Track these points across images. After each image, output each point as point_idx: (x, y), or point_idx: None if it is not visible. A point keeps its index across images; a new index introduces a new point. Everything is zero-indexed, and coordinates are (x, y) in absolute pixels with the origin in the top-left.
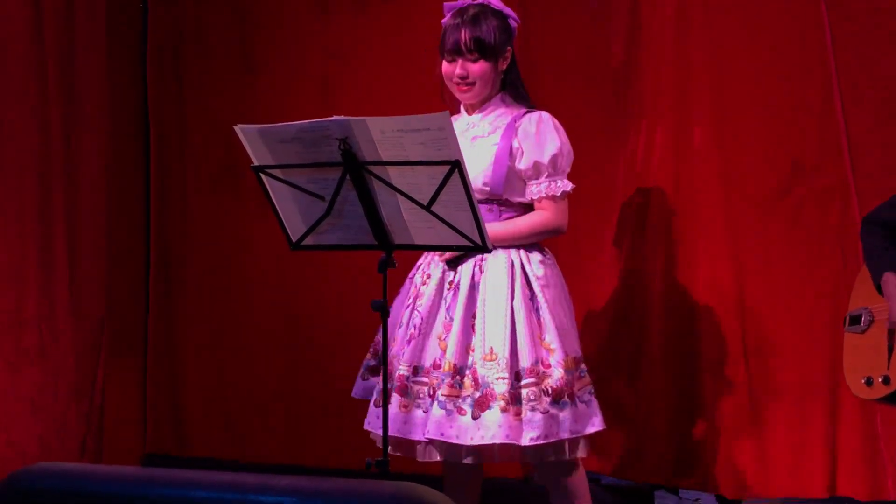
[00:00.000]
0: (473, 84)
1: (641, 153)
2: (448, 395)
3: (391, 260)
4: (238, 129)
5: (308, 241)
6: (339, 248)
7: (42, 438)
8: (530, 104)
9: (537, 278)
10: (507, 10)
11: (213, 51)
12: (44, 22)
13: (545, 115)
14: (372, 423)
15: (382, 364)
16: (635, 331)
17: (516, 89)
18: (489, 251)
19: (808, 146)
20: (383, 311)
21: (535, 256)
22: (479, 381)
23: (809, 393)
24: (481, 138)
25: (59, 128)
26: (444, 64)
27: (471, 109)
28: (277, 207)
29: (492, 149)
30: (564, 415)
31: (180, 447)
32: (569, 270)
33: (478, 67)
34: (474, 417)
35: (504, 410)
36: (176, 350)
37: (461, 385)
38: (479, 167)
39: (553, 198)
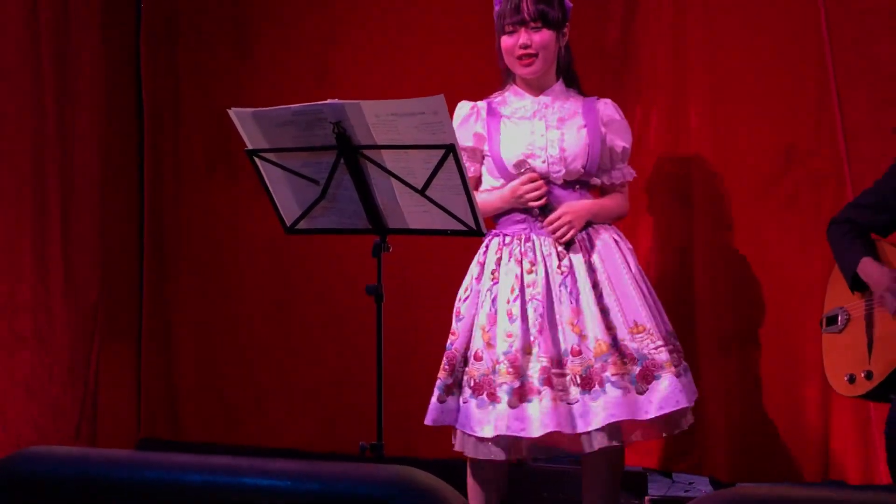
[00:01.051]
0: (536, 55)
1: (637, 135)
2: (617, 374)
3: (385, 244)
4: (232, 112)
5: (302, 225)
6: (334, 233)
7: (37, 423)
8: (582, 91)
9: (632, 252)
10: None
11: (207, 33)
12: (38, 2)
13: (615, 103)
14: (512, 427)
15: (377, 353)
16: None
17: (571, 76)
18: (483, 235)
19: (804, 130)
20: (377, 295)
21: (622, 234)
22: (634, 354)
23: (802, 377)
24: (568, 120)
25: (53, 111)
26: (505, 38)
27: (535, 90)
28: (272, 191)
29: (582, 132)
30: (690, 375)
31: (174, 432)
32: None
33: (541, 37)
34: (640, 392)
35: (678, 376)
36: (170, 334)
37: (622, 363)
38: (575, 150)
39: (627, 183)
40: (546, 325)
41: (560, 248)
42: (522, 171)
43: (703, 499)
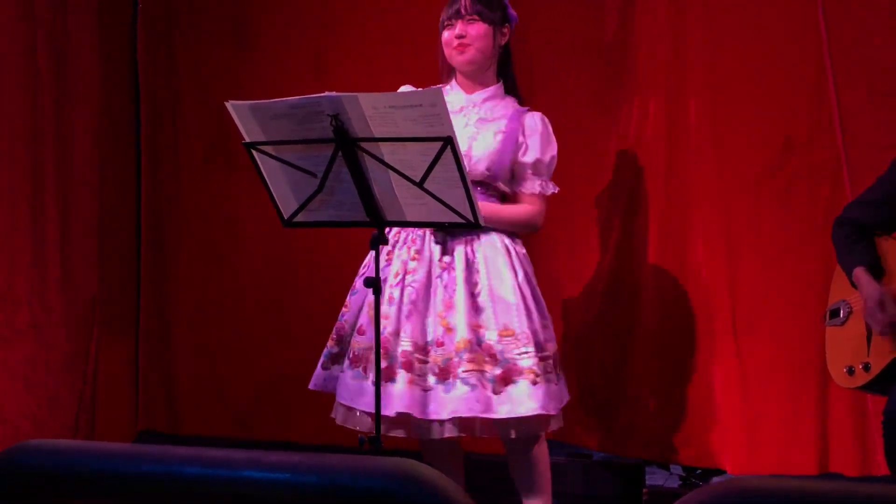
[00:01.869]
0: (469, 45)
1: (634, 127)
2: (469, 371)
3: (383, 236)
4: (229, 105)
5: (300, 217)
6: (331, 225)
7: (35, 415)
8: (521, 100)
9: (526, 259)
10: (509, 7)
11: (205, 24)
12: None
13: (545, 117)
14: (354, 399)
15: (375, 339)
16: (627, 306)
17: (512, 83)
18: (480, 227)
19: (801, 121)
20: (376, 287)
21: (519, 241)
22: (498, 356)
23: (800, 369)
24: (488, 122)
25: (50, 102)
26: (444, 34)
27: (469, 88)
28: (269, 184)
29: (497, 137)
30: (563, 385)
31: (173, 424)
32: (561, 246)
33: (475, 28)
34: (496, 392)
35: (535, 383)
36: (168, 326)
37: (479, 361)
38: (483, 152)
39: (543, 196)
40: (416, 312)
41: (439, 240)
42: None
43: (700, 490)
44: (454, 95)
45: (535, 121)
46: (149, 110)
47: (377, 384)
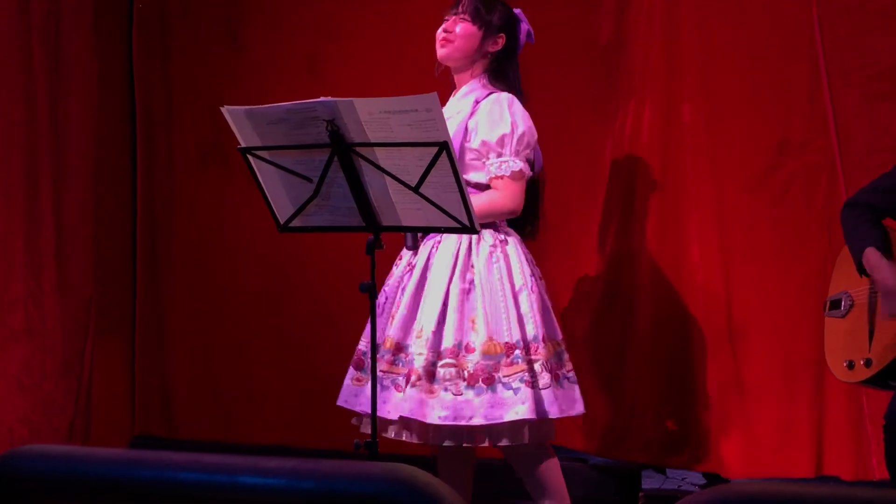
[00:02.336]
0: (452, 41)
1: (630, 130)
2: (385, 371)
3: (379, 241)
4: (225, 110)
5: (296, 222)
6: (327, 230)
7: (30, 418)
8: (506, 89)
9: (486, 259)
10: (523, 19)
11: (199, 26)
12: None
13: (505, 95)
14: (349, 402)
15: (371, 347)
16: (623, 309)
17: (502, 75)
18: (477, 232)
19: (796, 123)
20: (371, 292)
21: (486, 240)
22: (409, 357)
23: (796, 372)
24: (450, 119)
25: (45, 103)
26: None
27: (456, 89)
28: (265, 189)
29: (453, 128)
30: (481, 400)
31: (169, 429)
32: (557, 249)
33: (463, 27)
34: (400, 391)
35: (413, 385)
36: (164, 330)
37: (399, 363)
38: None
39: (503, 178)
40: (382, 314)
41: (408, 241)
42: None
43: (697, 495)
44: (452, 98)
45: (489, 103)
46: (144, 113)
47: (373, 389)
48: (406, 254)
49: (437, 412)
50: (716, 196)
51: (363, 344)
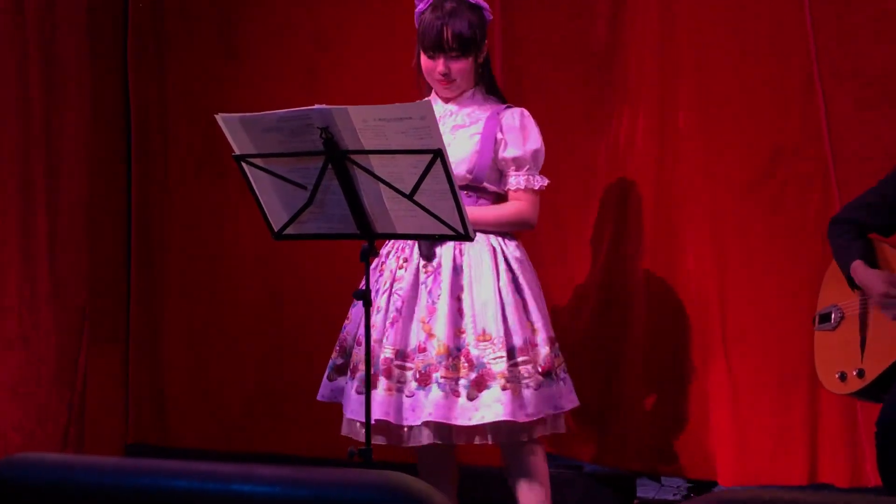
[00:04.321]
0: (455, 80)
1: (624, 138)
2: (446, 377)
3: (373, 248)
4: (219, 117)
5: (290, 230)
6: (322, 238)
7: (24, 427)
8: (503, 99)
9: (517, 260)
10: (481, 2)
11: (195, 35)
12: (24, 3)
13: (525, 111)
14: (355, 411)
15: (365, 351)
16: (618, 317)
17: (491, 84)
18: (471, 240)
19: (790, 131)
20: (366, 299)
21: (512, 242)
22: (474, 361)
23: (790, 380)
24: (462, 128)
25: (40, 112)
26: (425, 59)
27: (446, 99)
28: (259, 197)
29: (474, 139)
30: (553, 391)
31: (163, 437)
32: (552, 256)
33: (460, 65)
34: (470, 398)
35: (504, 388)
36: (158, 338)
37: (456, 367)
38: (461, 156)
39: (530, 191)
40: (400, 319)
41: (423, 250)
42: None
43: (692, 502)
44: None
45: (513, 117)
46: (139, 121)
47: (367, 395)
48: (413, 256)
49: (524, 410)
50: (710, 203)
51: (390, 352)
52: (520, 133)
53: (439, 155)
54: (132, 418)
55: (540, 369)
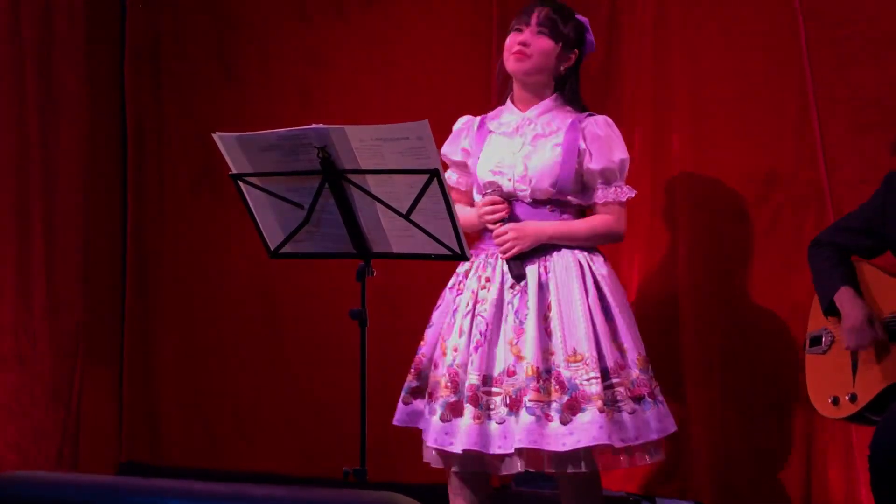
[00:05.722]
0: (530, 56)
1: None
2: (535, 401)
3: (369, 268)
4: (216, 136)
5: (286, 249)
6: (318, 257)
7: (19, 445)
8: (584, 108)
9: (603, 278)
10: (589, 29)
11: (191, 55)
12: (22, 23)
13: (608, 118)
14: (438, 440)
15: (361, 373)
16: None
17: (573, 95)
18: (467, 259)
19: (785, 154)
20: (361, 319)
21: (598, 258)
22: (566, 383)
23: (785, 402)
24: (543, 138)
25: (37, 131)
26: (511, 36)
27: (524, 103)
28: (255, 215)
29: (556, 150)
30: (649, 415)
31: (157, 456)
32: None
33: (542, 43)
34: (563, 422)
35: (602, 411)
36: (152, 357)
37: (546, 390)
38: (543, 168)
39: (619, 203)
40: (485, 342)
41: (506, 268)
42: (489, 190)
43: None
44: (508, 115)
45: (597, 125)
46: (135, 141)
47: (362, 408)
48: (494, 276)
49: (620, 435)
50: (705, 226)
51: (476, 377)
52: (606, 142)
53: (436, 175)
54: (125, 437)
55: (632, 392)
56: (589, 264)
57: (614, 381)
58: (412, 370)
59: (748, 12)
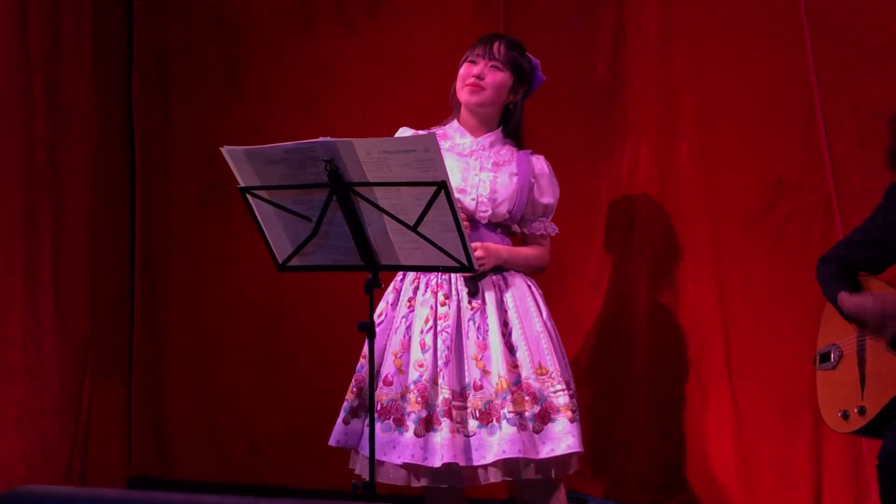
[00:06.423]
0: (484, 89)
1: (626, 170)
2: (514, 412)
3: (377, 280)
4: (224, 150)
5: (294, 261)
6: (326, 269)
7: (28, 458)
8: (520, 144)
9: (542, 299)
10: (538, 68)
11: (198, 67)
12: (29, 34)
13: (543, 158)
14: (416, 456)
15: (369, 384)
16: (621, 348)
17: (516, 129)
18: (474, 271)
19: (792, 164)
20: (369, 331)
21: (534, 281)
22: (536, 395)
23: (794, 411)
24: (503, 165)
25: (44, 142)
26: (465, 66)
27: (475, 130)
28: (264, 228)
29: (513, 178)
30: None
31: (165, 469)
32: (554, 289)
33: (497, 77)
34: (536, 431)
35: (572, 421)
36: (160, 370)
37: (519, 401)
38: (504, 195)
39: (549, 237)
40: (453, 357)
41: (469, 286)
42: None
43: None
44: (462, 138)
45: (541, 164)
46: (143, 153)
47: (371, 427)
48: (455, 294)
49: (580, 442)
50: (712, 236)
51: (447, 392)
52: (550, 180)
53: (443, 187)
54: (134, 450)
55: (576, 405)
56: (531, 287)
57: (571, 392)
58: (353, 388)
59: (754, 20)
